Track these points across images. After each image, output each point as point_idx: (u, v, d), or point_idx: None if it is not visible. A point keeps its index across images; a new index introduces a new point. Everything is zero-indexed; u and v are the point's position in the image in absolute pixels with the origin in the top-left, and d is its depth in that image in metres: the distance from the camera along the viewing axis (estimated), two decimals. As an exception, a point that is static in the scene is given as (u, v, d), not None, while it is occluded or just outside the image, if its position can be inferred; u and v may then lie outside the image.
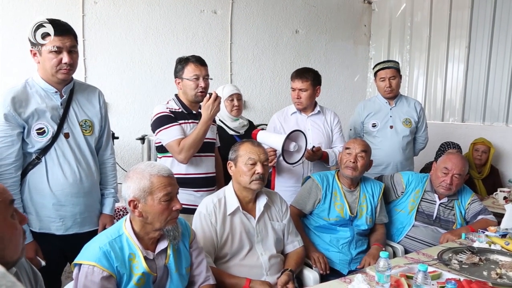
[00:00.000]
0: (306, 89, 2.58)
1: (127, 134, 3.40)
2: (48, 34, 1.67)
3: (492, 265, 1.84)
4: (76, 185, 1.80)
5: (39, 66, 1.75)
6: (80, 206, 1.83)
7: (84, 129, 1.86)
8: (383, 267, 1.49)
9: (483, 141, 3.74)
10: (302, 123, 2.65)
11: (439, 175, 2.36)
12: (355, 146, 2.27)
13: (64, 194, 1.78)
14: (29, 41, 1.70)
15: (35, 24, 1.68)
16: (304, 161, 2.53)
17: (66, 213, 1.80)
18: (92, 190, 1.90)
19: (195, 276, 1.62)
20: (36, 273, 1.19)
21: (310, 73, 2.61)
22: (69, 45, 1.71)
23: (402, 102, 3.09)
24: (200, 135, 2.11)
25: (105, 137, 2.00)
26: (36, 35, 1.67)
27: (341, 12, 4.90)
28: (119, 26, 3.44)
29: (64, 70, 1.72)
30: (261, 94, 4.32)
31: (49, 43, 1.67)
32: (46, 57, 1.69)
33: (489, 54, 4.03)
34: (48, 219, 1.77)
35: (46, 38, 1.67)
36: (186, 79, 2.18)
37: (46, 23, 1.68)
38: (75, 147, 1.82)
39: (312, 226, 2.30)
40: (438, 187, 2.37)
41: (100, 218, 1.95)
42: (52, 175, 1.76)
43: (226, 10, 4.02)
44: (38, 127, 1.73)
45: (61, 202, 1.78)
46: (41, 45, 1.68)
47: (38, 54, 1.71)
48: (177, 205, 1.46)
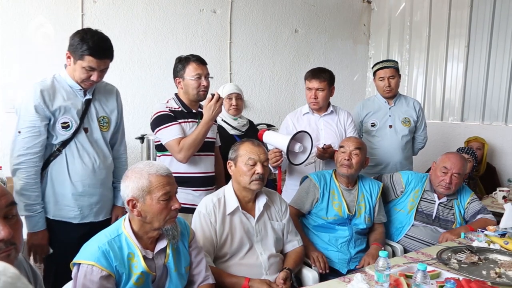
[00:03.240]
0: (323, 88, 2.57)
1: (126, 133, 3.37)
2: (89, 54, 1.77)
3: (491, 264, 1.84)
4: (93, 176, 1.93)
5: (70, 67, 1.85)
6: (96, 196, 1.95)
7: (102, 125, 1.98)
8: (382, 266, 1.49)
9: (476, 138, 3.75)
10: (315, 123, 2.64)
11: (438, 174, 2.36)
12: (349, 144, 2.28)
13: (83, 184, 1.90)
14: (72, 44, 1.79)
15: (85, 35, 1.77)
16: (316, 160, 2.53)
17: (84, 202, 1.92)
18: (107, 182, 2.03)
19: (194, 275, 1.62)
20: (35, 273, 1.19)
21: (327, 72, 2.61)
22: (102, 67, 1.85)
23: (401, 102, 3.09)
24: (201, 135, 2.11)
25: (120, 134, 2.15)
26: (80, 47, 1.77)
27: (341, 12, 4.90)
28: (118, 25, 3.43)
29: (88, 83, 1.87)
30: (260, 93, 4.32)
31: (86, 61, 1.79)
32: (79, 69, 1.81)
33: (488, 54, 4.04)
34: (67, 208, 1.89)
35: (85, 58, 1.78)
36: (188, 78, 2.18)
37: (91, 40, 1.76)
38: (93, 141, 1.94)
39: (310, 225, 2.30)
40: (438, 187, 2.37)
41: (113, 210, 2.08)
42: (72, 167, 1.88)
43: (226, 10, 4.02)
44: (63, 121, 1.84)
45: (79, 192, 1.90)
46: (79, 59, 1.79)
47: (73, 61, 1.82)
48: (176, 204, 1.46)
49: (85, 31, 1.81)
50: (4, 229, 0.93)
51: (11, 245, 0.95)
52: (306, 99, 2.65)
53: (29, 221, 1.81)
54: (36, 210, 1.81)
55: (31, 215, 1.81)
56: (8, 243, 0.94)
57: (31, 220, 1.81)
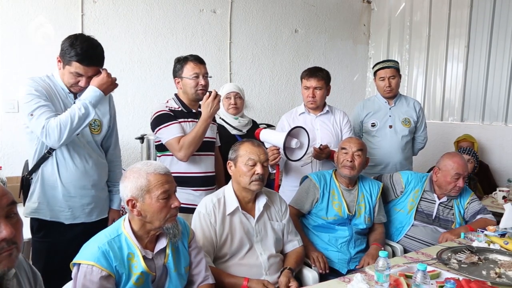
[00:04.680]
0: (321, 87, 2.57)
1: (126, 133, 3.40)
2: (77, 61, 1.78)
3: (491, 264, 1.84)
4: (85, 178, 1.92)
5: (60, 71, 1.87)
6: (88, 197, 1.95)
7: (93, 128, 1.97)
8: (382, 266, 1.49)
9: (465, 138, 3.77)
10: (311, 123, 2.63)
11: (449, 180, 2.34)
12: (351, 145, 2.28)
13: (73, 186, 1.90)
14: (62, 49, 1.81)
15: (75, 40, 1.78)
16: (312, 160, 2.53)
17: (75, 204, 1.92)
18: (100, 183, 2.02)
19: (194, 275, 1.62)
20: (35, 273, 1.19)
21: (324, 71, 2.61)
22: (90, 74, 1.84)
23: (402, 102, 3.09)
24: (200, 133, 2.11)
25: (114, 137, 2.14)
26: (68, 53, 1.78)
27: (341, 12, 4.90)
28: (118, 25, 3.44)
29: (77, 88, 1.88)
30: (260, 93, 4.32)
31: (73, 67, 1.80)
32: (67, 73, 1.83)
33: (488, 53, 4.03)
34: (59, 209, 1.89)
35: (72, 64, 1.79)
36: (186, 77, 2.19)
37: (79, 47, 1.77)
38: (84, 144, 1.93)
39: (310, 225, 2.30)
40: (451, 192, 2.36)
41: (110, 213, 2.10)
42: (62, 169, 1.87)
43: (226, 10, 4.02)
44: None
45: (70, 194, 1.90)
46: (67, 64, 1.81)
47: (62, 65, 1.83)
48: (175, 202, 1.46)
49: (76, 37, 1.81)
50: (6, 228, 0.93)
51: (13, 244, 0.95)
52: (303, 98, 2.65)
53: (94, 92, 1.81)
54: (81, 105, 1.78)
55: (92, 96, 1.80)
56: (10, 242, 0.94)
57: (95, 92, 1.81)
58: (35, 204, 1.87)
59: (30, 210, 1.88)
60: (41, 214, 1.87)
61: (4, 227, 0.93)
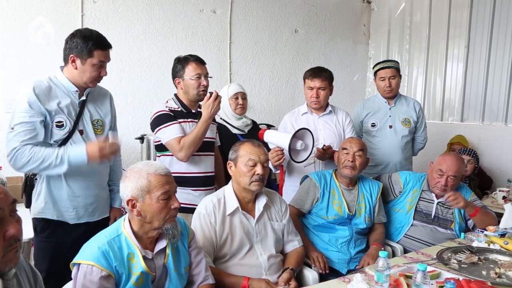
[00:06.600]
0: (324, 87, 2.57)
1: (126, 133, 3.40)
2: (99, 48, 1.84)
3: (491, 264, 1.84)
4: (89, 178, 1.95)
5: (71, 69, 1.87)
6: (91, 197, 1.98)
7: (96, 128, 1.99)
8: (382, 266, 1.49)
9: (459, 141, 3.77)
10: (313, 123, 2.62)
11: (434, 176, 2.36)
12: (351, 145, 2.28)
13: (78, 186, 1.92)
14: (75, 47, 1.83)
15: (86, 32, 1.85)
16: (315, 160, 2.53)
17: (79, 203, 1.94)
18: (102, 182, 2.07)
19: (194, 275, 1.62)
20: (35, 273, 1.19)
21: (327, 71, 2.61)
22: (108, 60, 1.93)
23: (402, 102, 3.09)
24: (200, 134, 2.11)
25: None
26: (85, 46, 1.82)
27: (341, 12, 4.90)
28: (118, 25, 3.44)
29: (97, 82, 1.95)
30: (260, 93, 4.32)
31: (96, 57, 1.85)
32: (89, 68, 1.85)
33: (488, 54, 4.04)
34: (63, 209, 1.91)
35: (95, 54, 1.84)
36: (188, 78, 2.19)
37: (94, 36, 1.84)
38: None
39: (311, 225, 2.30)
40: (434, 188, 2.38)
41: (111, 212, 2.13)
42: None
43: (226, 10, 4.02)
44: (58, 120, 1.85)
45: (75, 194, 1.92)
46: (89, 57, 1.84)
47: (80, 62, 1.85)
48: (175, 203, 1.46)
49: (80, 31, 1.87)
50: (13, 226, 0.97)
51: (17, 242, 0.98)
52: (306, 98, 2.64)
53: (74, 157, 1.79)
54: (60, 154, 1.77)
55: (64, 158, 1.78)
56: (16, 239, 0.97)
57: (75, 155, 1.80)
58: (42, 204, 1.88)
59: (37, 210, 1.89)
60: (47, 214, 1.89)
61: (12, 225, 0.97)
